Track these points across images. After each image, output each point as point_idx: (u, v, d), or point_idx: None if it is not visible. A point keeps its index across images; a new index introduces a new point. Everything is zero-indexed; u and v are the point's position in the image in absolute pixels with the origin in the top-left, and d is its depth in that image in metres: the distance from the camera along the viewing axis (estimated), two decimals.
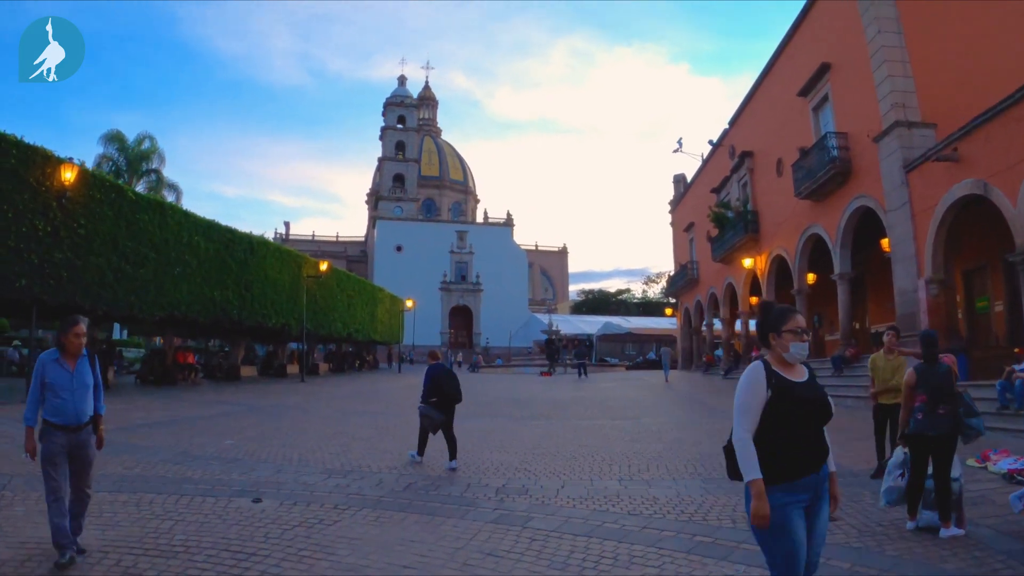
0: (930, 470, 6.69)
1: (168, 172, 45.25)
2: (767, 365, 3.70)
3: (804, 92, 24.37)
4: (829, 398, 3.72)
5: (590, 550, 6.11)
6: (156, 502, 7.52)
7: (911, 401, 6.88)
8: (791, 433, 3.55)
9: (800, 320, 3.74)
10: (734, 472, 3.70)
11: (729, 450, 3.74)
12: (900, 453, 6.97)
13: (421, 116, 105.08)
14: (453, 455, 10.42)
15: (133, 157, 42.68)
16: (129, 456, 10.22)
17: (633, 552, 6.06)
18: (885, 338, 8.66)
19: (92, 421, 5.81)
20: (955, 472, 6.72)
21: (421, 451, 10.82)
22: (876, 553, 6.03)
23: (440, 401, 10.83)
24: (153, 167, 43.79)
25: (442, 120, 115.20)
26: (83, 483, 5.77)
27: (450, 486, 8.81)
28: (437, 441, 10.86)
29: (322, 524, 6.85)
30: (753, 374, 3.66)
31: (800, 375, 3.71)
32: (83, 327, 5.79)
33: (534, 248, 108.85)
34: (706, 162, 40.70)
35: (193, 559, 5.66)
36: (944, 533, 6.39)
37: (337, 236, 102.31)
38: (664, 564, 5.78)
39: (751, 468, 3.49)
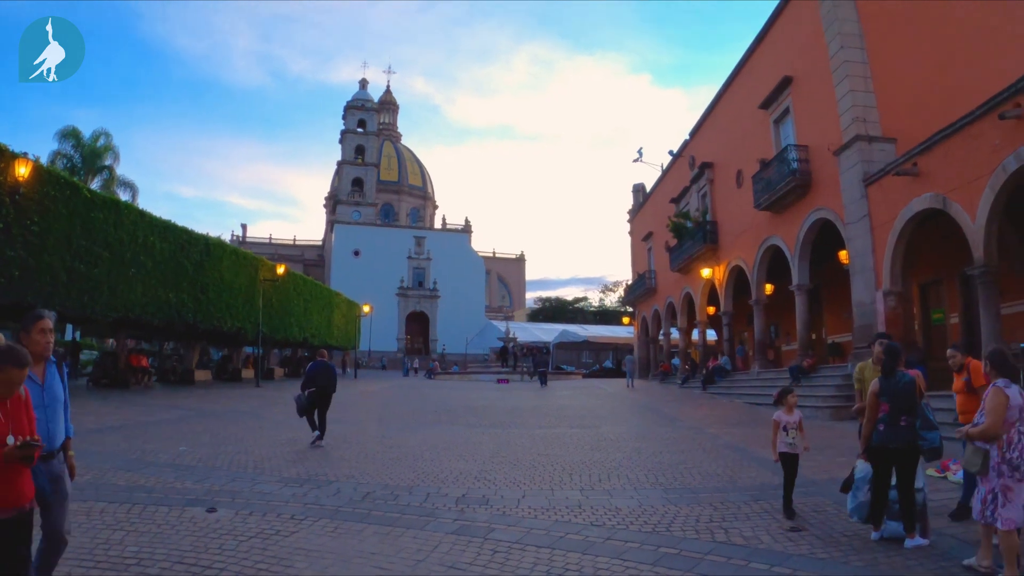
0: (894, 481, 6.68)
1: (124, 171, 44.38)
2: None
3: (765, 105, 24.57)
4: None
5: (554, 562, 6.00)
6: (108, 511, 7.29)
7: (875, 412, 6.84)
8: None
9: None
10: None
11: None
12: (868, 468, 6.93)
13: (381, 120, 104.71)
14: (322, 435, 13.18)
15: (88, 154, 41.92)
16: (79, 463, 9.82)
17: (598, 564, 5.96)
18: (875, 348, 8.49)
19: (62, 446, 4.58)
20: (919, 483, 6.73)
21: (312, 429, 13.32)
22: (841, 564, 6.01)
23: (316, 391, 13.46)
24: (107, 164, 43.04)
25: (402, 125, 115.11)
26: (59, 525, 4.44)
27: (409, 495, 8.65)
28: (405, 454, 10.70)
29: (279, 535, 6.66)
30: None
31: None
32: (50, 322, 4.54)
33: (492, 255, 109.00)
34: (666, 172, 40.93)
35: (146, 572, 5.48)
36: (909, 543, 6.39)
37: (295, 239, 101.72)
38: None
39: None
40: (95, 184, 39.35)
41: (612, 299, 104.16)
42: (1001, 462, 5.60)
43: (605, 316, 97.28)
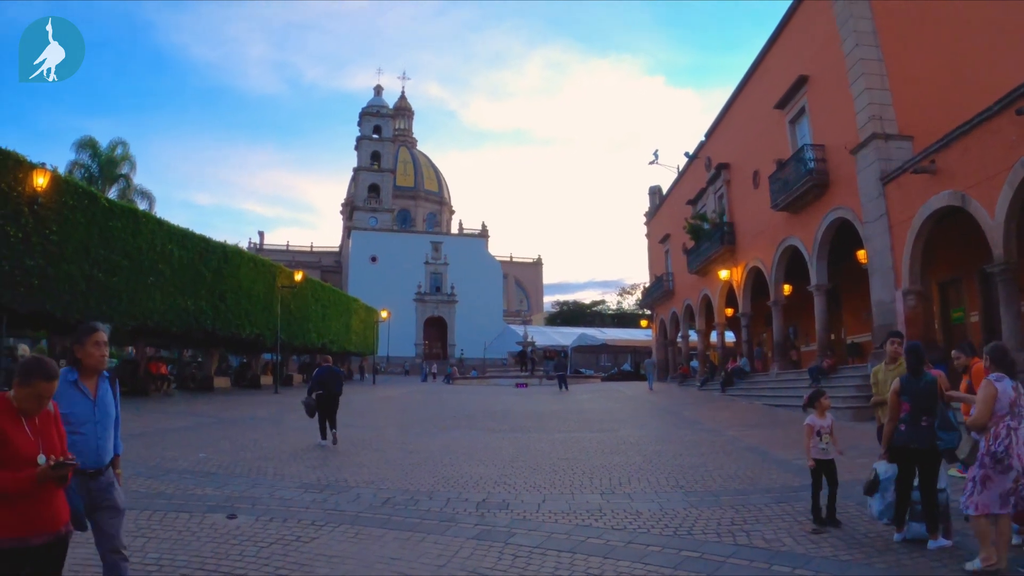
0: (916, 482, 6.62)
1: (141, 179, 44.81)
2: None
3: (781, 104, 24.46)
4: None
5: (575, 566, 5.99)
6: (128, 518, 7.26)
7: (896, 411, 6.80)
8: None
9: None
10: None
11: None
12: (893, 467, 6.87)
13: (397, 127, 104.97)
14: (334, 435, 14.11)
15: (105, 163, 42.20)
16: None
17: (619, 568, 5.95)
18: (888, 347, 8.40)
19: (111, 463, 4.45)
20: (941, 483, 6.67)
21: (322, 435, 14.09)
22: (864, 566, 5.97)
23: (323, 394, 14.32)
24: (123, 173, 43.29)
25: (417, 130, 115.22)
26: (116, 542, 4.37)
27: (429, 501, 8.65)
28: (425, 459, 10.71)
29: (299, 541, 6.68)
30: None
31: None
32: (104, 335, 4.43)
33: (509, 259, 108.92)
34: (682, 174, 40.80)
35: None
36: (932, 545, 6.34)
37: (312, 246, 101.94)
38: None
39: None
40: (112, 193, 39.59)
41: (630, 302, 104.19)
42: (985, 454, 5.77)
43: (623, 319, 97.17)
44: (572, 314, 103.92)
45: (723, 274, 30.90)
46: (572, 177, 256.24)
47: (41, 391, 3.49)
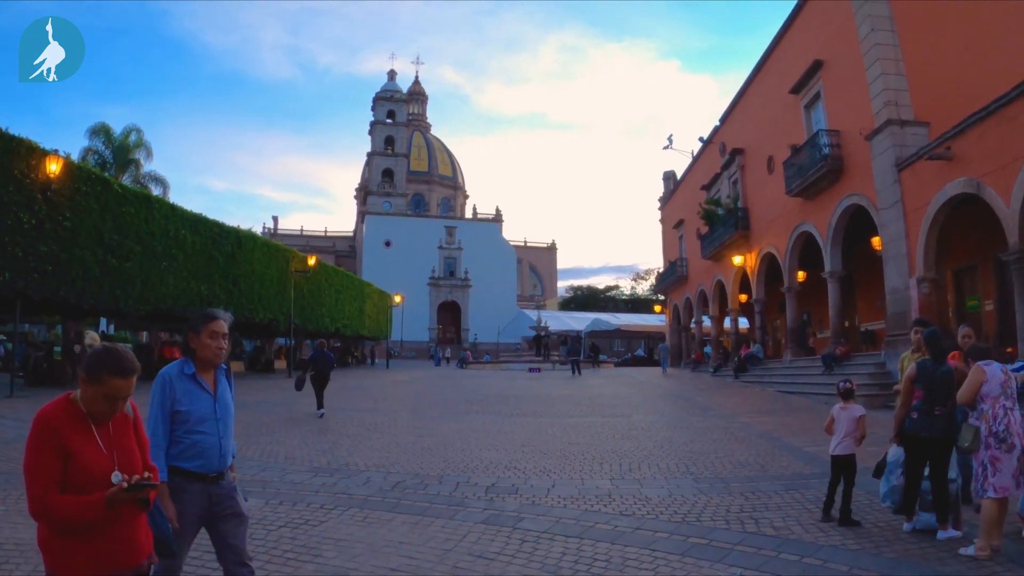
0: (927, 472, 6.59)
1: (155, 166, 45.04)
2: None
3: (796, 90, 24.28)
4: None
5: (582, 552, 6.00)
6: None
7: (910, 397, 6.77)
8: None
9: None
10: None
11: None
12: (900, 452, 6.85)
13: (411, 111, 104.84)
14: (321, 408, 16.41)
15: (119, 150, 42.31)
16: None
17: (626, 554, 5.95)
18: (913, 336, 8.26)
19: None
20: (952, 473, 6.64)
21: (319, 404, 16.46)
22: (873, 555, 5.94)
23: (315, 374, 16.83)
24: (136, 159, 43.38)
25: (431, 115, 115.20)
26: (242, 554, 3.98)
27: (439, 485, 8.68)
28: (436, 444, 10.73)
29: (308, 525, 6.72)
30: None
31: None
32: (224, 325, 3.94)
33: (523, 244, 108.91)
34: (696, 159, 40.60)
35: None
36: (942, 535, 6.30)
37: (326, 231, 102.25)
38: (659, 567, 5.67)
39: None
40: (125, 179, 39.71)
41: (644, 287, 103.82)
42: (988, 435, 5.95)
43: (637, 304, 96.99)
44: (586, 299, 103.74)
45: (737, 260, 30.76)
46: (587, 162, 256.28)
47: (114, 390, 2.80)
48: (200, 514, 3.81)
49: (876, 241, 20.14)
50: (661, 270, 52.66)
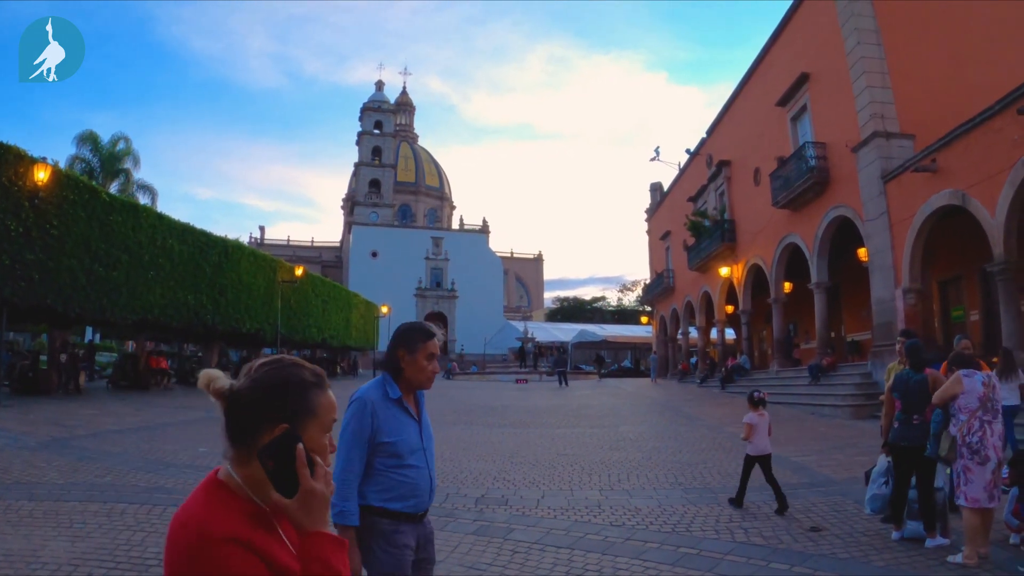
0: (914, 480, 6.65)
1: (143, 174, 44.60)
2: None
3: (782, 102, 24.44)
4: None
5: (573, 563, 6.01)
6: (128, 512, 7.34)
7: (891, 407, 6.87)
8: None
9: None
10: None
11: None
12: (884, 461, 6.94)
13: (398, 122, 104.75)
14: None
15: (107, 158, 42.14)
16: (100, 464, 10.01)
17: (617, 565, 5.97)
18: (898, 346, 8.32)
19: None
20: (939, 482, 6.70)
21: None
22: (862, 563, 5.99)
23: None
24: (124, 167, 43.20)
25: (418, 125, 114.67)
26: None
27: None
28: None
29: None
30: None
31: None
32: (438, 344, 3.40)
33: (509, 255, 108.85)
34: (683, 171, 40.76)
35: None
36: (930, 543, 6.37)
37: (312, 241, 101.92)
38: None
39: None
40: (113, 188, 39.55)
41: (630, 298, 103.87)
42: (962, 445, 6.03)
43: (623, 316, 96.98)
44: (572, 310, 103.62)
45: (724, 271, 30.87)
46: (573, 173, 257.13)
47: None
48: (409, 561, 3.20)
49: (862, 252, 20.26)
50: (648, 281, 52.76)
